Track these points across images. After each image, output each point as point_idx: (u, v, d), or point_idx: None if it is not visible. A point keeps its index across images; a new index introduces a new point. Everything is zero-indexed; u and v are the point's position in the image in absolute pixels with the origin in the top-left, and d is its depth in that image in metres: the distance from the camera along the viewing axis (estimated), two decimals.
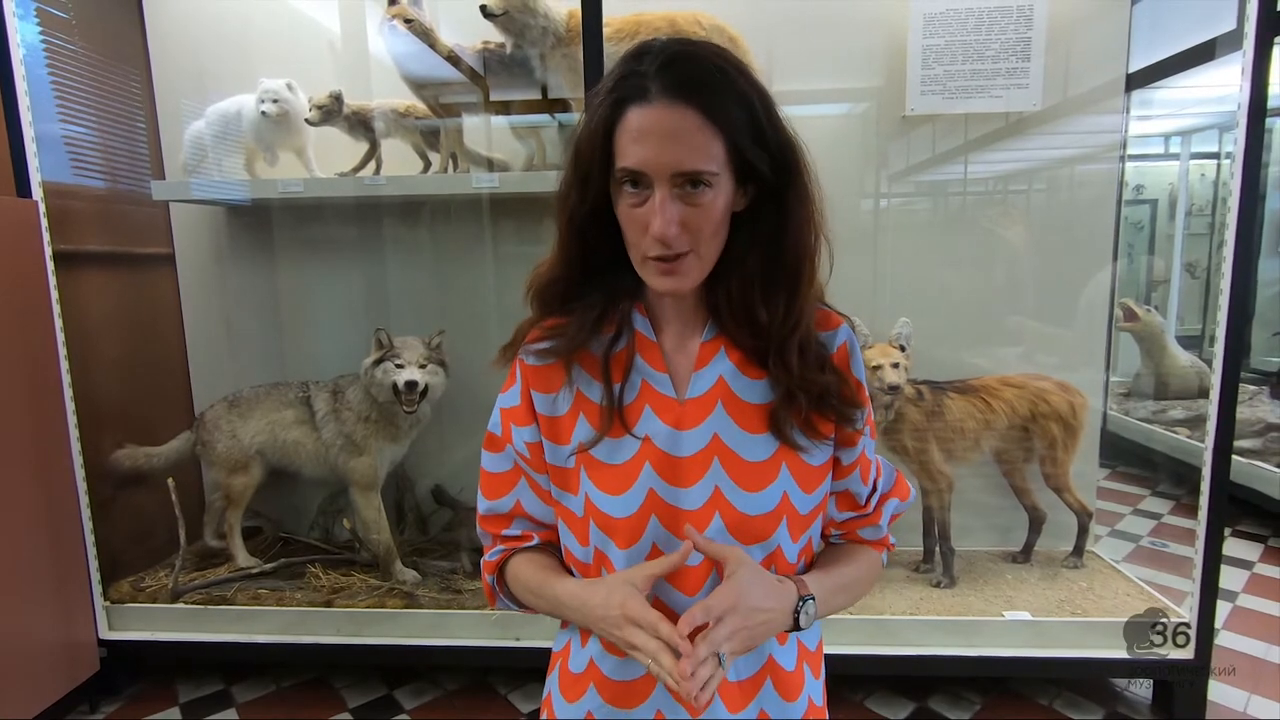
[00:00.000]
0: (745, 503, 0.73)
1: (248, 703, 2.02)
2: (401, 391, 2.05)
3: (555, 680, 0.84)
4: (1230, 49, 1.75)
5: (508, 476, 0.82)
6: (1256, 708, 1.92)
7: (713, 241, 0.71)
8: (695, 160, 0.66)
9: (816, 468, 0.76)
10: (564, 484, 0.78)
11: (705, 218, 0.68)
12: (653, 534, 0.73)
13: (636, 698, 0.76)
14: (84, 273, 2.08)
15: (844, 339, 0.78)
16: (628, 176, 0.68)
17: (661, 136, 0.66)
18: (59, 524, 1.90)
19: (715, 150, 0.67)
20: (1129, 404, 3.89)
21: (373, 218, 2.40)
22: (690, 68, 0.67)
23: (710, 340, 0.77)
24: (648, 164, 0.66)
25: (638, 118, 0.67)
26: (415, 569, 2.19)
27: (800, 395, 0.73)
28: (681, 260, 0.70)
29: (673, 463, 0.73)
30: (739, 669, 0.75)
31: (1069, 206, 2.31)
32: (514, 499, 0.82)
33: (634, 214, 0.69)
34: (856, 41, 2.17)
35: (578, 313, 0.77)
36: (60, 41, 2.03)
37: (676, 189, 0.67)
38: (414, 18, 2.02)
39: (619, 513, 0.73)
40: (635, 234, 0.71)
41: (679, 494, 0.73)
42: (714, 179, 0.67)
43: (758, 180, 0.71)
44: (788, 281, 0.73)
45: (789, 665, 0.78)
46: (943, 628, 1.92)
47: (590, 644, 0.79)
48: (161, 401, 2.41)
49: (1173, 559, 2.67)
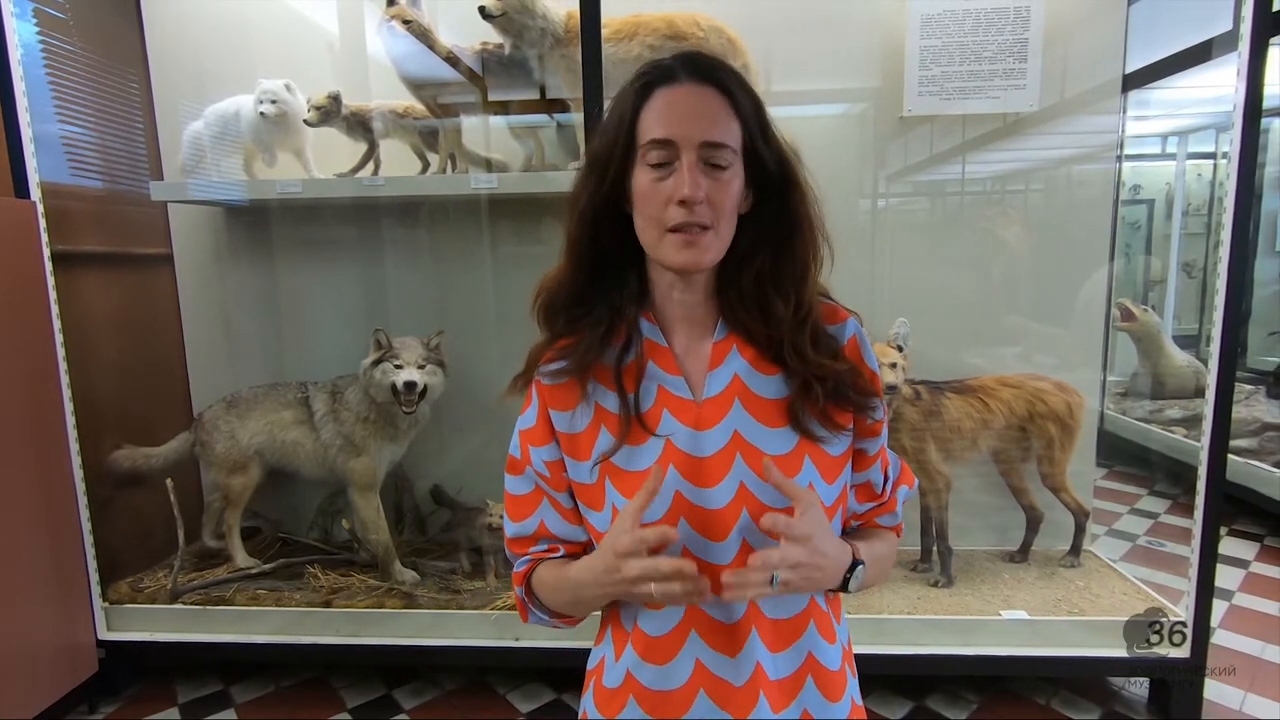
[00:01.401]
0: (771, 497, 0.73)
1: (247, 703, 2.02)
2: (400, 392, 2.05)
3: (590, 699, 0.83)
4: (1226, 50, 1.76)
5: (530, 498, 0.83)
6: (1252, 706, 1.93)
7: (729, 223, 0.74)
8: (720, 133, 0.71)
9: (836, 458, 0.77)
10: (589, 501, 0.78)
11: (726, 194, 0.72)
12: (683, 536, 0.73)
13: (678, 707, 0.75)
14: (82, 273, 2.07)
15: (853, 331, 0.80)
16: (655, 147, 0.71)
17: (689, 109, 0.71)
18: (58, 525, 1.90)
19: (735, 131, 0.72)
20: (1126, 403, 3.90)
21: (371, 218, 2.40)
22: (711, 60, 0.74)
23: (722, 340, 0.78)
24: (676, 133, 0.70)
25: (666, 96, 0.72)
26: (414, 569, 2.19)
27: (816, 385, 0.74)
28: (704, 234, 0.72)
29: (696, 463, 0.74)
30: (779, 667, 0.75)
31: (1066, 206, 2.31)
32: (538, 520, 0.83)
33: (658, 187, 0.72)
34: (854, 42, 2.18)
35: (586, 330, 0.78)
36: (58, 42, 2.03)
37: (702, 162, 0.71)
38: (412, 18, 2.02)
39: (646, 518, 0.73)
40: (657, 207, 0.72)
41: (704, 494, 0.73)
42: (733, 159, 0.72)
43: (761, 181, 0.75)
44: (796, 275, 0.76)
45: (834, 665, 0.78)
46: (940, 627, 1.93)
47: (626, 656, 0.78)
48: (160, 402, 2.40)
49: (1169, 558, 2.68)
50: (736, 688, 0.73)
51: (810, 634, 0.76)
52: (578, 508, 0.81)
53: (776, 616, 0.75)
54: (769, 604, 0.74)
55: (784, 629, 0.75)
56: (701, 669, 0.74)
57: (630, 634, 0.78)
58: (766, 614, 0.74)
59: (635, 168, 0.73)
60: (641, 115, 0.72)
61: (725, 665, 0.74)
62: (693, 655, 0.74)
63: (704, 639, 0.74)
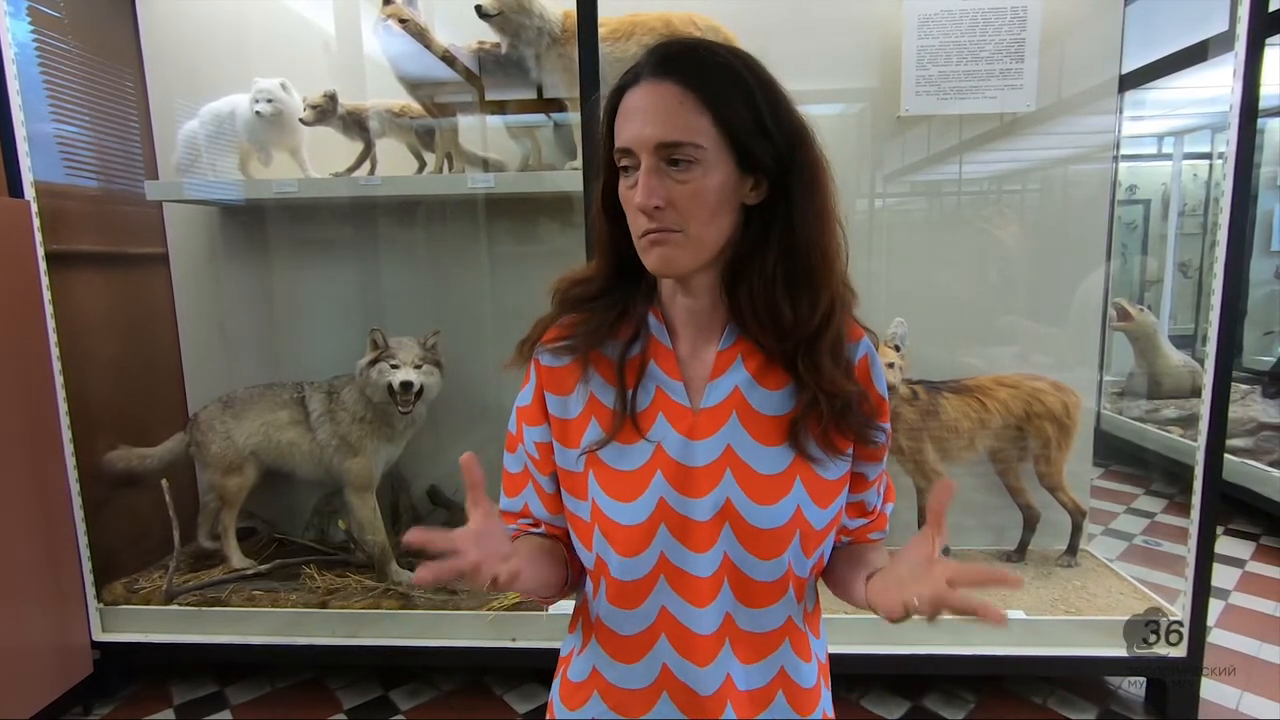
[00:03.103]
0: (757, 516, 0.71)
1: (242, 704, 2.02)
2: (397, 392, 2.04)
3: (557, 689, 0.83)
4: (1223, 50, 1.76)
5: (520, 478, 0.83)
6: (1249, 705, 1.93)
7: (709, 225, 0.69)
8: (674, 132, 0.67)
9: (832, 482, 0.74)
10: (573, 489, 0.77)
11: (693, 196, 0.68)
12: (661, 543, 0.72)
13: (640, 707, 0.75)
14: (77, 273, 2.06)
15: (864, 351, 0.76)
16: (621, 156, 0.70)
17: (644, 111, 0.68)
18: (52, 526, 1.89)
19: (699, 124, 0.67)
20: (1122, 403, 3.91)
21: (368, 218, 2.40)
22: (676, 49, 0.70)
23: (728, 348, 0.75)
24: (632, 138, 0.68)
25: (628, 99, 0.70)
26: (411, 569, 2.19)
27: (824, 402, 0.71)
28: (670, 236, 0.69)
29: (685, 472, 0.72)
30: (750, 678, 0.74)
31: (1063, 207, 2.32)
32: (523, 501, 0.82)
33: (628, 195, 0.71)
34: (851, 42, 2.18)
35: (597, 310, 0.77)
36: (53, 40, 2.02)
37: (662, 163, 0.68)
38: (409, 17, 2.02)
39: (628, 520, 0.72)
40: (631, 214, 0.71)
41: (690, 504, 0.72)
42: (699, 154, 0.67)
43: (765, 171, 0.70)
44: (806, 277, 0.71)
45: (807, 682, 0.77)
46: (937, 626, 1.90)
47: (591, 651, 0.78)
48: (155, 402, 2.39)
49: (1166, 557, 2.69)
50: (703, 696, 0.73)
51: (784, 650, 0.75)
52: (560, 494, 0.80)
53: (752, 630, 0.74)
54: (745, 618, 0.73)
55: (758, 642, 0.74)
56: (668, 673, 0.74)
57: (594, 627, 0.78)
58: (742, 627, 0.74)
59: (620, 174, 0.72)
60: (615, 121, 0.71)
61: (693, 674, 0.73)
62: (660, 659, 0.74)
63: (674, 645, 0.73)
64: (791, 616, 0.76)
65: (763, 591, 0.73)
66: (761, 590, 0.73)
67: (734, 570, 0.72)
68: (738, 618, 0.73)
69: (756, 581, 0.72)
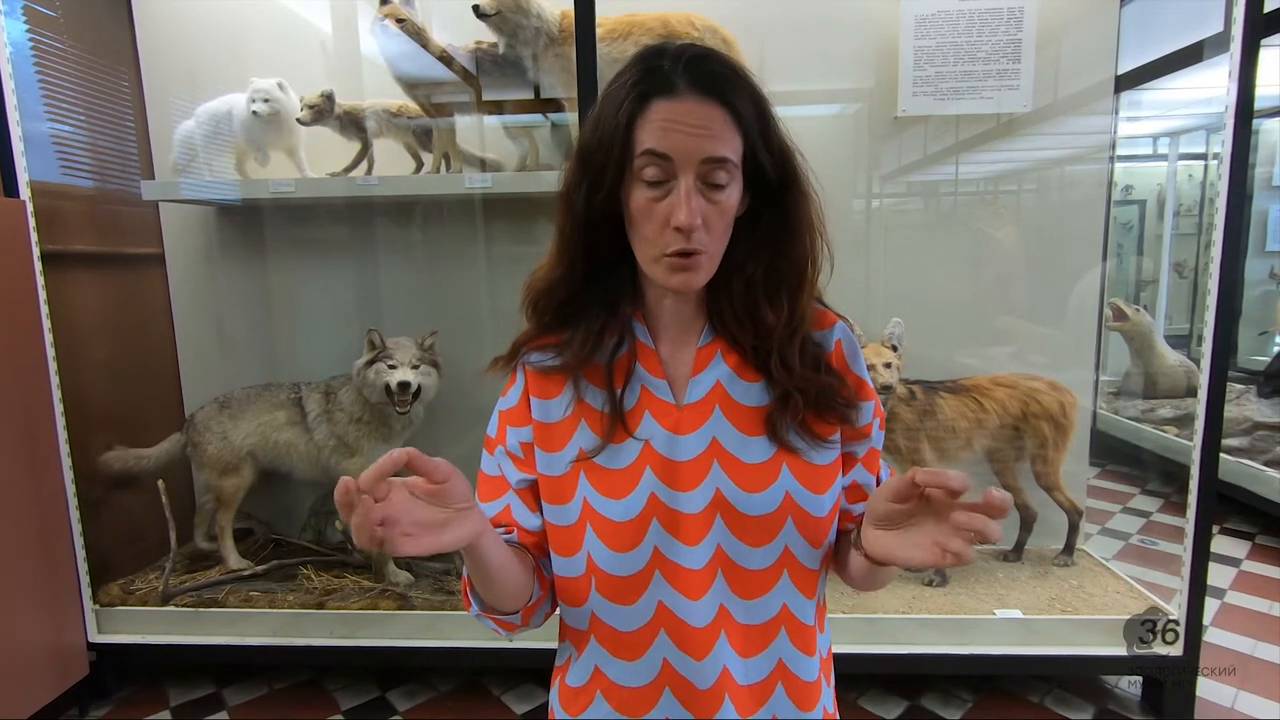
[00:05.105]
0: (746, 504, 0.72)
1: (239, 705, 2.01)
2: (394, 392, 2.04)
3: (556, 697, 0.83)
4: (1218, 51, 1.77)
5: (497, 481, 0.81)
6: (1244, 704, 1.94)
7: (723, 242, 0.72)
8: (722, 148, 0.68)
9: (824, 467, 0.75)
10: (554, 494, 0.77)
11: (721, 216, 0.70)
12: (653, 537, 0.73)
13: (644, 704, 0.75)
14: (73, 273, 2.06)
15: (839, 337, 0.78)
16: (651, 163, 0.68)
17: (690, 126, 0.67)
18: (48, 527, 1.88)
19: (737, 145, 0.69)
20: (1119, 403, 3.92)
21: (365, 218, 2.39)
22: (713, 66, 0.70)
23: (707, 345, 0.77)
24: (676, 150, 0.67)
25: (665, 109, 0.68)
26: (408, 570, 2.18)
27: (797, 396, 0.73)
28: (697, 257, 0.70)
29: (672, 467, 0.73)
30: (748, 672, 0.75)
31: (1059, 207, 2.32)
32: (504, 504, 0.81)
33: (654, 208, 0.69)
34: (848, 43, 2.18)
35: (582, 327, 0.77)
36: (48, 40, 2.01)
37: (700, 181, 0.68)
38: (406, 17, 2.02)
39: (619, 516, 0.73)
40: (654, 229, 0.70)
41: (679, 498, 0.73)
42: (733, 173, 0.70)
43: (760, 183, 0.73)
44: (791, 283, 0.74)
45: (808, 676, 0.77)
46: (935, 626, 1.93)
47: (591, 651, 0.78)
48: (152, 403, 2.39)
49: (1162, 556, 2.70)
50: (701, 690, 0.73)
51: (781, 641, 0.75)
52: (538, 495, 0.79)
53: (747, 622, 0.74)
54: (739, 609, 0.74)
55: (754, 634, 0.75)
56: (668, 668, 0.74)
57: (589, 631, 0.78)
58: (737, 619, 0.74)
59: (631, 179, 0.70)
60: (637, 127, 0.68)
61: (691, 668, 0.73)
62: (660, 654, 0.74)
63: (672, 639, 0.74)
64: (788, 605, 0.76)
65: (756, 580, 0.74)
66: (754, 579, 0.74)
67: (726, 561, 0.73)
68: (732, 609, 0.74)
69: (749, 570, 0.73)
